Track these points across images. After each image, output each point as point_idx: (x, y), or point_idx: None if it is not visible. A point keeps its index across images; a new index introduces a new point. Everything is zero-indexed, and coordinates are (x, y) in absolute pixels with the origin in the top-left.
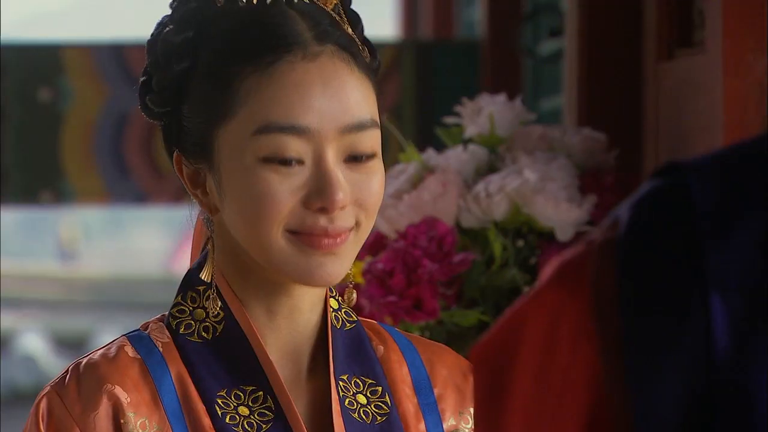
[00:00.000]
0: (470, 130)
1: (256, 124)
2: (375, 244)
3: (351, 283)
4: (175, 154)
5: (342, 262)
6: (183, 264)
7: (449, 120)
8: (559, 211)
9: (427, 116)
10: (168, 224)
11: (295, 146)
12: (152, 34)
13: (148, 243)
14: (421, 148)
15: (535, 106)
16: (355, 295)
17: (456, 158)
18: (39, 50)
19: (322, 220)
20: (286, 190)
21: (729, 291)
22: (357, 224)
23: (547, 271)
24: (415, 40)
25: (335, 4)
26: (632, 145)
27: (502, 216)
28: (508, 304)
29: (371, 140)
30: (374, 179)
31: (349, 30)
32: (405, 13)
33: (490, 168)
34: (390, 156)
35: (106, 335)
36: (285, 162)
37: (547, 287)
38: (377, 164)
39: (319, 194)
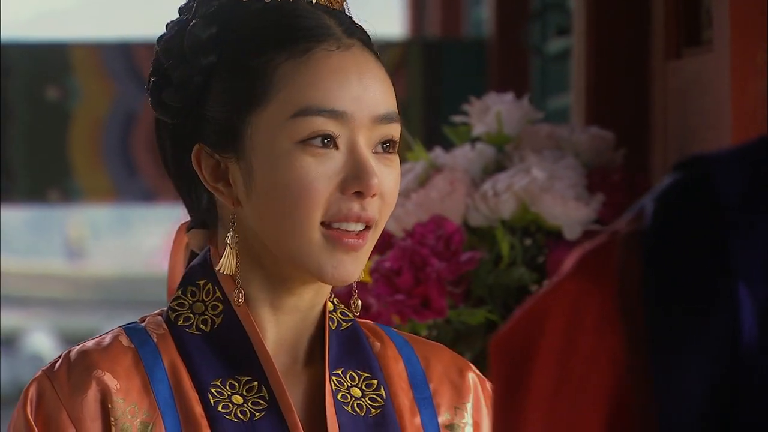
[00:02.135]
0: (478, 129)
1: (294, 108)
2: (382, 243)
3: (355, 292)
4: (195, 147)
5: (359, 261)
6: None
7: (457, 119)
8: (567, 209)
9: (435, 115)
10: (176, 223)
11: (332, 127)
12: (171, 31)
13: (155, 241)
14: (429, 147)
15: (543, 105)
16: (359, 303)
17: (463, 157)
18: (47, 49)
19: (356, 207)
20: (323, 174)
21: (756, 282)
22: (377, 222)
23: (569, 262)
24: (422, 39)
25: (343, 7)
26: (640, 144)
27: (509, 214)
28: (516, 303)
29: (396, 132)
30: (393, 173)
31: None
32: (412, 11)
33: (498, 167)
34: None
35: None
36: (324, 140)
37: (570, 278)
38: (397, 160)
39: (356, 179)
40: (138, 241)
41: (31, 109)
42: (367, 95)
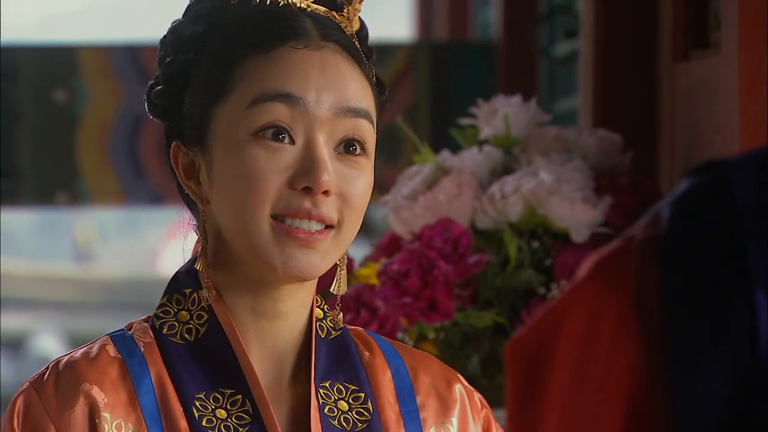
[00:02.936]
0: (485, 132)
1: (251, 97)
2: (390, 246)
3: (338, 305)
4: (173, 144)
5: (317, 257)
6: (165, 264)
7: (464, 121)
8: (575, 212)
9: (442, 117)
10: (169, 225)
11: (287, 118)
12: (165, 32)
13: (163, 244)
14: (436, 150)
15: (551, 108)
16: (341, 316)
17: (471, 159)
18: (54, 51)
19: (307, 203)
20: (273, 168)
21: None
22: (339, 223)
23: (585, 266)
24: (430, 41)
25: (355, 30)
26: (648, 147)
27: (517, 217)
28: (524, 306)
29: (365, 132)
30: (362, 177)
31: (358, 46)
32: (420, 14)
33: (505, 169)
34: (405, 157)
35: None
36: (277, 133)
37: (586, 282)
38: (367, 164)
39: (305, 174)
40: (146, 243)
41: (38, 111)
42: (329, 88)
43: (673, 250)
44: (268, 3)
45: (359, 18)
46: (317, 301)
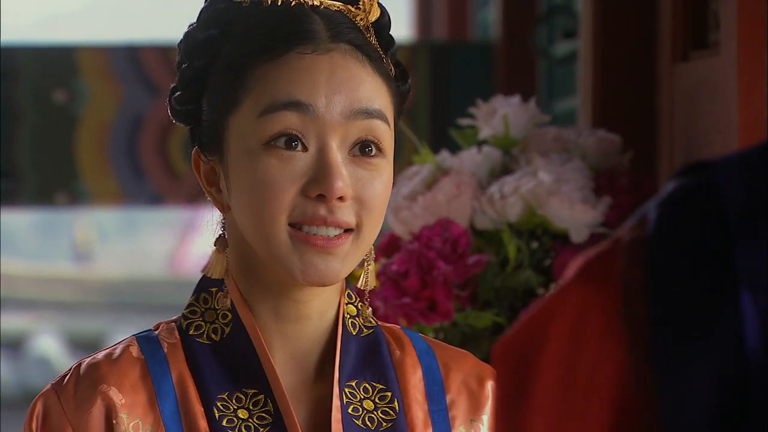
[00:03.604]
0: (485, 132)
1: (261, 106)
2: (389, 246)
3: (367, 299)
4: (193, 151)
5: (337, 262)
6: (184, 265)
7: (464, 121)
8: (574, 212)
9: (442, 118)
10: (183, 226)
11: (298, 126)
12: (181, 37)
13: (162, 245)
14: (436, 150)
15: (550, 108)
16: (370, 311)
17: (470, 160)
18: (54, 52)
19: (322, 210)
20: (286, 177)
21: (759, 290)
22: (358, 226)
23: (573, 268)
24: (429, 42)
25: (370, 23)
26: (647, 147)
27: (516, 217)
28: (523, 306)
29: (379, 132)
30: (378, 179)
31: (374, 41)
32: (420, 14)
33: (505, 169)
34: (404, 157)
35: (121, 337)
36: (289, 141)
37: (573, 284)
38: (384, 164)
39: (318, 181)
40: (145, 244)
41: (38, 111)
42: (339, 92)
43: (660, 252)
44: (279, 3)
45: (378, 5)
46: (351, 297)
